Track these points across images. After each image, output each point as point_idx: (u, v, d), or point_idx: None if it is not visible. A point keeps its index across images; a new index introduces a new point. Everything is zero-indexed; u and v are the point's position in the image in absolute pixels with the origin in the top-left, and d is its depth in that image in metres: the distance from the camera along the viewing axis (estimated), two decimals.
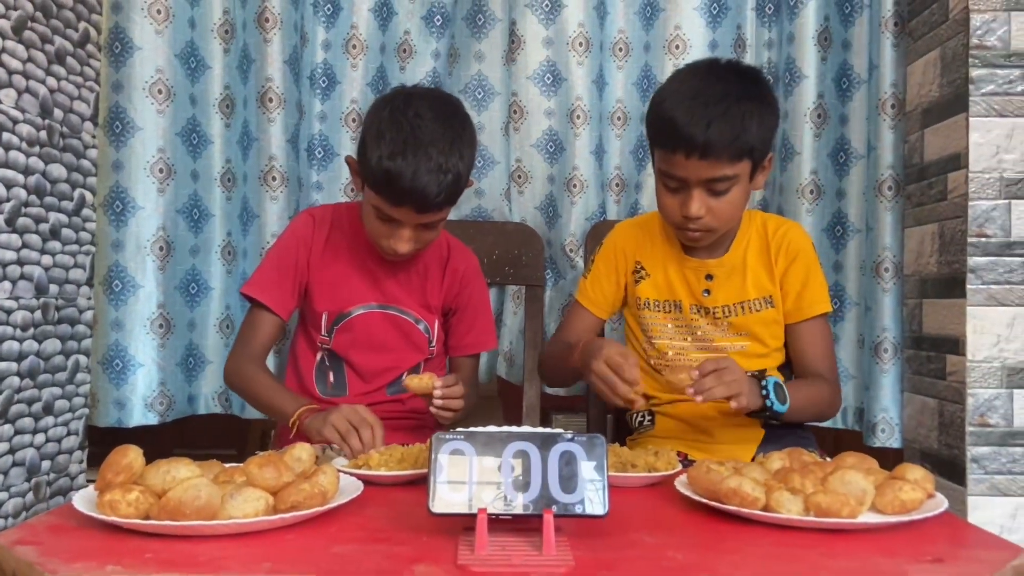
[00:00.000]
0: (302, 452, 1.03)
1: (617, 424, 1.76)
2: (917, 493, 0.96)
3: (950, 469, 1.54)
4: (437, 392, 1.31)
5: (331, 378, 1.55)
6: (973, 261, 1.50)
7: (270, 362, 1.82)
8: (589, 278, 1.57)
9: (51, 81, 1.50)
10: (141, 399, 1.72)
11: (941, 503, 0.99)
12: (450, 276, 1.57)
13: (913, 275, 1.71)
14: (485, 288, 1.64)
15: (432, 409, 1.34)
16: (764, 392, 1.30)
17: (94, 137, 1.63)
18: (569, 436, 0.92)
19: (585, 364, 1.31)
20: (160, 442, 1.76)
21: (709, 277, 1.48)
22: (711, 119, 1.29)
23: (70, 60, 1.55)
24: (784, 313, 1.48)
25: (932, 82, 1.64)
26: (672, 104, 1.33)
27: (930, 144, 1.64)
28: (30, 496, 1.47)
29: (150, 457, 0.95)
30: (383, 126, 1.34)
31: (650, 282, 1.52)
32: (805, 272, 1.47)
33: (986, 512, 1.47)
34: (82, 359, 1.61)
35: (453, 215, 1.93)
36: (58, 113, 1.52)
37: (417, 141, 1.31)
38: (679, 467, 1.20)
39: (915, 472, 1.00)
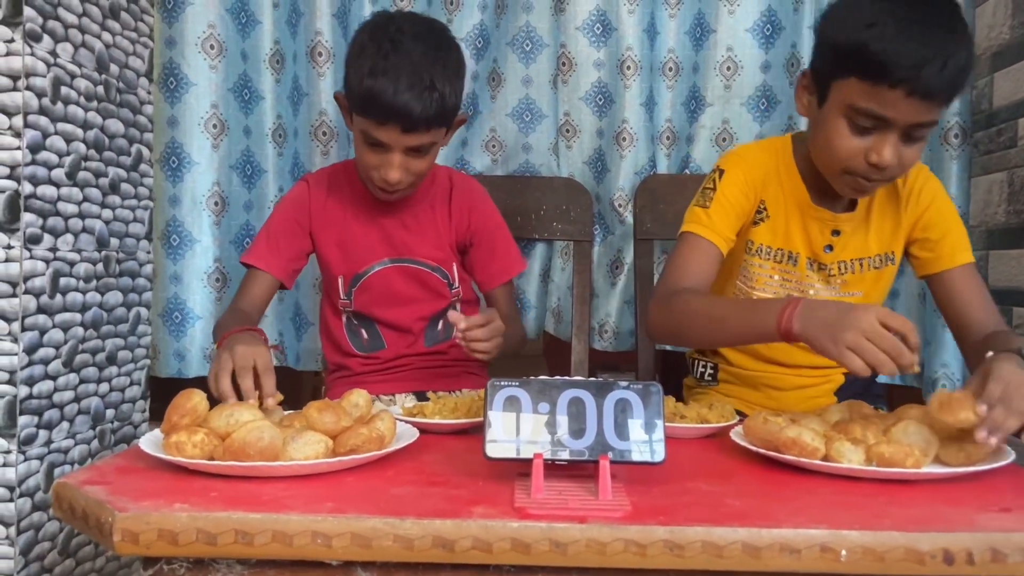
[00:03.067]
0: (359, 398, 1.05)
1: (666, 383, 1.73)
2: (983, 445, 0.94)
3: None
4: (457, 334, 1.25)
5: (364, 336, 1.55)
6: None
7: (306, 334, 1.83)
8: (713, 205, 1.31)
9: (106, 36, 1.51)
10: (200, 350, 1.76)
11: (1008, 454, 0.97)
12: (456, 207, 1.53)
13: (979, 226, 1.65)
14: (496, 212, 1.58)
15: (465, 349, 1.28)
16: None
17: (149, 93, 1.66)
18: (624, 384, 0.91)
19: (834, 322, 1.02)
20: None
21: (836, 232, 1.33)
22: (948, 56, 1.11)
23: (124, 15, 1.57)
24: (921, 262, 1.35)
25: (1003, 24, 1.57)
26: (892, 32, 1.12)
27: (1000, 88, 1.58)
28: (95, 443, 1.52)
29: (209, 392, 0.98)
30: (364, 44, 1.33)
31: (768, 225, 1.34)
32: (945, 219, 1.33)
33: None
34: (143, 311, 1.65)
35: (500, 171, 1.93)
36: (114, 68, 1.54)
37: (399, 56, 1.29)
38: (734, 420, 1.18)
39: None
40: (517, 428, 0.89)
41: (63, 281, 1.41)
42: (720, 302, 1.31)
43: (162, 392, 2.00)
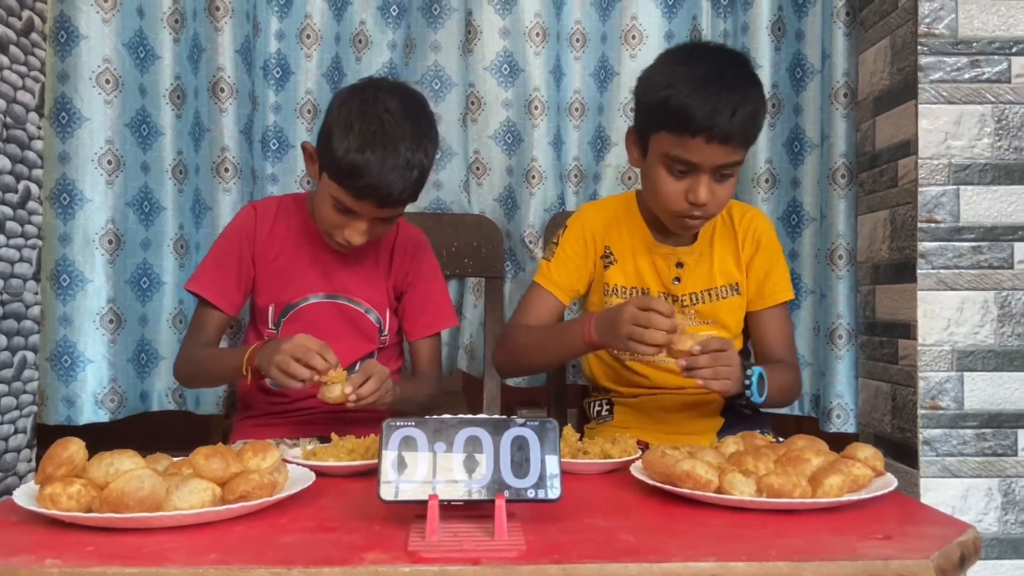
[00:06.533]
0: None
1: (580, 417, 1.76)
2: (866, 470, 0.98)
3: (903, 452, 1.56)
4: (351, 398, 1.27)
5: None
6: (923, 246, 1.52)
7: None
8: (554, 260, 1.51)
9: None
10: (91, 396, 1.69)
11: (891, 482, 1.00)
12: (399, 259, 1.56)
13: (866, 262, 1.73)
14: (436, 264, 1.62)
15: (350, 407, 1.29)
16: (748, 383, 1.30)
17: (39, 128, 1.60)
18: (521, 421, 0.91)
19: (599, 328, 1.31)
20: (120, 441, 1.72)
21: (680, 265, 1.48)
22: (735, 105, 1.29)
23: (13, 49, 1.52)
24: (747, 300, 1.50)
25: (883, 70, 1.66)
26: (687, 89, 1.30)
27: (881, 132, 1.67)
28: None
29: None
30: (352, 118, 1.34)
31: (618, 268, 1.50)
32: (769, 260, 1.49)
33: (938, 494, 1.49)
34: (29, 355, 1.58)
35: (412, 208, 1.92)
36: (0, 103, 1.48)
37: (386, 136, 1.32)
38: (636, 453, 1.20)
39: (865, 450, 1.02)
40: (413, 469, 0.88)
41: None
42: (540, 331, 1.47)
43: (51, 440, 1.91)
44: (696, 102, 1.29)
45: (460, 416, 0.93)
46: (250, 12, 1.82)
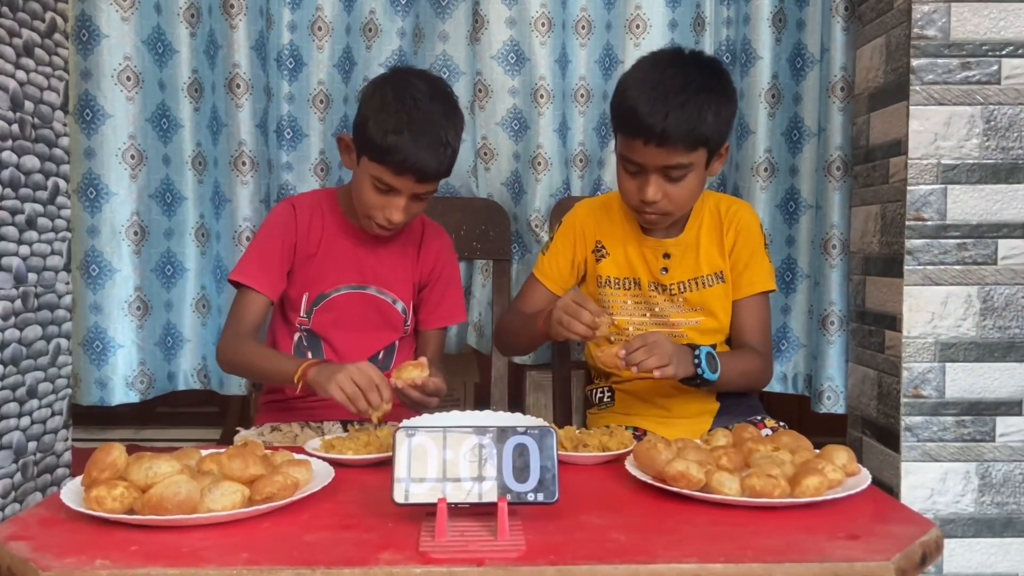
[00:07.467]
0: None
1: (584, 402, 1.83)
2: (838, 475, 1.05)
3: (886, 436, 1.64)
4: (421, 380, 1.35)
5: (310, 356, 1.60)
6: (910, 243, 1.58)
7: None
8: (547, 254, 1.64)
9: (20, 74, 1.52)
10: (122, 379, 1.78)
11: (864, 479, 1.08)
12: (425, 253, 1.65)
13: (858, 252, 1.79)
14: (457, 264, 1.72)
15: (406, 397, 1.39)
16: (696, 361, 1.38)
17: (65, 125, 1.66)
18: (522, 430, 1.00)
19: (547, 320, 1.39)
20: (146, 400, 1.84)
21: (666, 256, 1.55)
22: (669, 110, 1.35)
23: (38, 51, 1.57)
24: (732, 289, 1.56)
25: (878, 68, 1.70)
26: (634, 93, 1.39)
27: (875, 128, 1.71)
28: (18, 476, 1.54)
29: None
30: (387, 101, 1.44)
31: (610, 260, 1.58)
32: (750, 252, 1.55)
33: (918, 476, 1.57)
34: (63, 342, 1.67)
35: None
36: (29, 105, 1.54)
37: (420, 115, 1.43)
38: (632, 445, 1.28)
39: (840, 456, 1.09)
40: (423, 473, 0.97)
41: None
42: (521, 316, 1.60)
43: (85, 420, 2.02)
44: (636, 106, 1.37)
45: (466, 424, 1.01)
46: (263, 6, 1.86)
